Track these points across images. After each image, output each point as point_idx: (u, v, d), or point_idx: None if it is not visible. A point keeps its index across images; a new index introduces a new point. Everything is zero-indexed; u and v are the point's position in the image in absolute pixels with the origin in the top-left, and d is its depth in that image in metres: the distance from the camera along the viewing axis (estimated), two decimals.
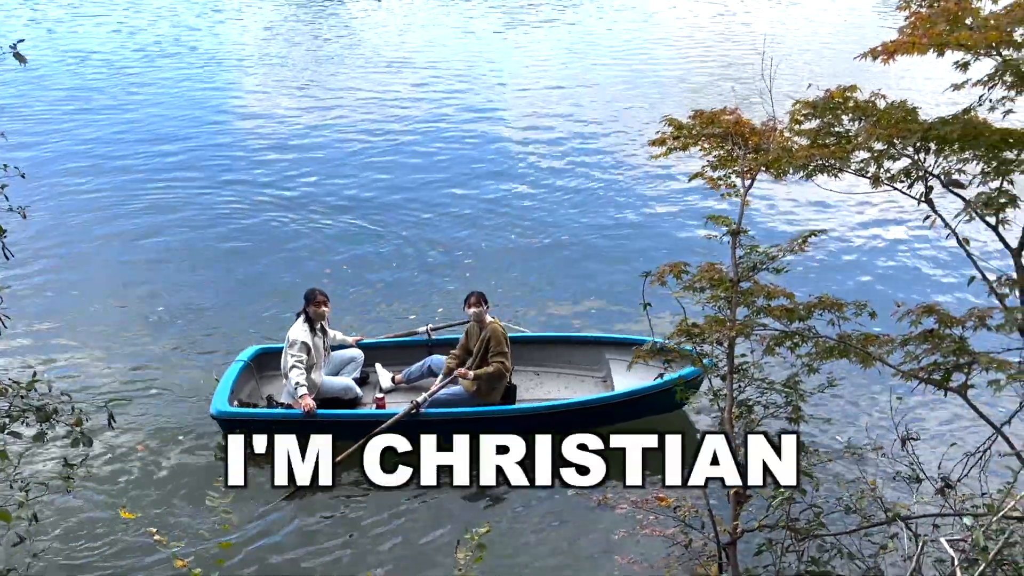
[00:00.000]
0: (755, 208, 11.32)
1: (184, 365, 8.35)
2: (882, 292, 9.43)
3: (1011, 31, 4.46)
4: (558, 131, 15.17)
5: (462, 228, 11.39)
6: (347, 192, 12.54)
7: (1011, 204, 4.66)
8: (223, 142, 14.73)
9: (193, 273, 10.25)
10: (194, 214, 11.84)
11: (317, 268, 10.31)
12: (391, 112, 16.39)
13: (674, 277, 5.60)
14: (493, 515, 6.35)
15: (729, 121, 6.29)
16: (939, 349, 4.51)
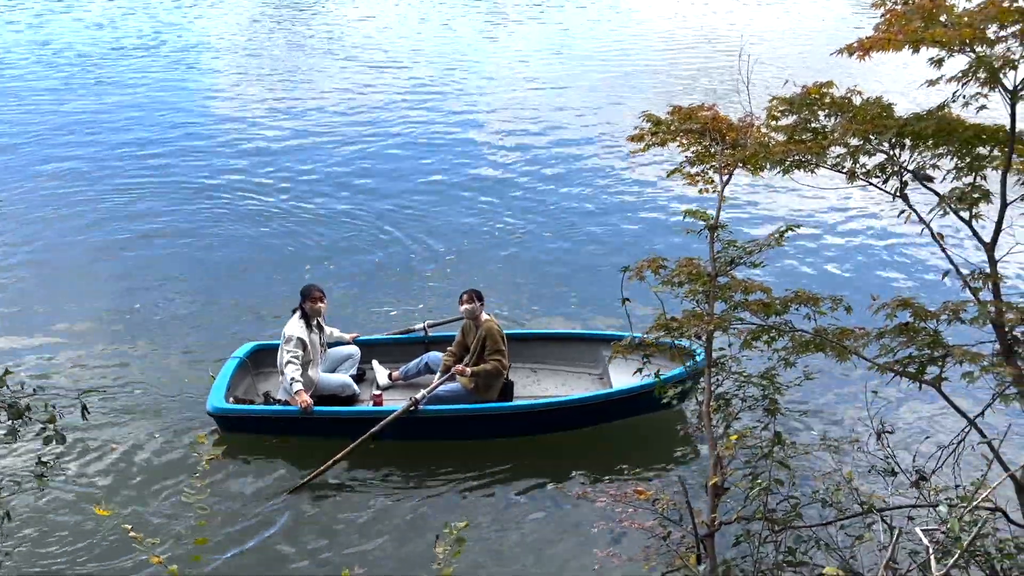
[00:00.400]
0: (733, 203, 11.40)
1: (161, 362, 8.28)
2: (858, 286, 9.51)
3: (984, 28, 4.51)
4: (538, 127, 15.17)
5: (441, 225, 11.36)
6: (328, 189, 12.46)
7: (984, 199, 4.73)
8: (200, 138, 14.58)
9: (172, 271, 10.15)
10: (174, 211, 11.73)
11: (298, 265, 10.25)
12: (371, 109, 16.29)
13: (652, 272, 5.63)
14: (473, 510, 6.36)
15: (707, 117, 6.32)
16: (914, 342, 4.57)
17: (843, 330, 4.88)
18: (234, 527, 6.16)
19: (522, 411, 7.11)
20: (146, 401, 7.63)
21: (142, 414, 7.45)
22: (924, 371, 4.58)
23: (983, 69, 4.46)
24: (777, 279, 8.93)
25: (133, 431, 7.23)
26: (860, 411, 7.06)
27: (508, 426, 7.07)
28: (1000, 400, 4.48)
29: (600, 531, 5.73)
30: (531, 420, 7.05)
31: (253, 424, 7.02)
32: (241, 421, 7.01)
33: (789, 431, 6.84)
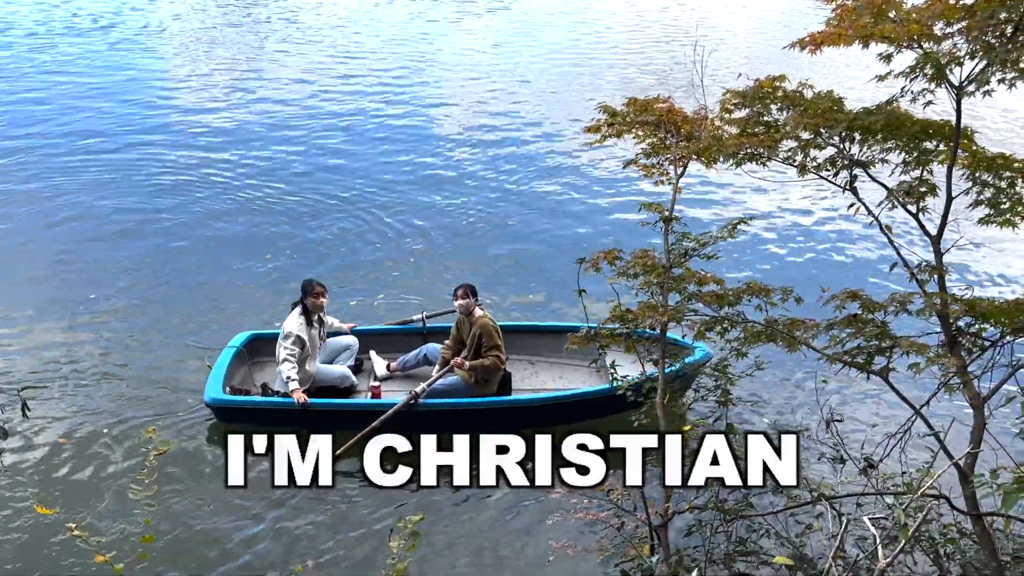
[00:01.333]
0: (688, 195, 11.49)
1: (116, 354, 8.10)
2: (808, 278, 9.65)
3: (931, 25, 4.59)
4: (496, 119, 15.12)
5: (399, 216, 11.25)
6: (284, 180, 12.25)
7: (931, 192, 4.83)
8: (164, 126, 14.29)
9: (129, 261, 9.91)
10: (143, 198, 11.51)
11: (258, 253, 10.11)
12: (330, 99, 16.09)
13: (608, 264, 5.65)
14: (428, 504, 6.31)
15: (662, 109, 6.35)
16: (862, 333, 4.65)
17: (793, 321, 4.95)
18: (185, 524, 6.04)
19: (521, 405, 7.09)
20: (92, 395, 7.45)
21: (89, 409, 7.27)
22: (872, 361, 4.66)
23: (930, 65, 4.54)
24: (730, 271, 9.03)
25: (78, 425, 7.04)
26: (810, 401, 7.18)
27: (507, 420, 7.04)
28: (945, 390, 4.59)
29: (555, 523, 5.74)
30: (531, 414, 7.00)
31: (251, 415, 6.93)
32: (239, 412, 6.94)
33: (741, 421, 6.94)
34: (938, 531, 4.78)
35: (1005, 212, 4.77)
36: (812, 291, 5.01)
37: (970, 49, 4.50)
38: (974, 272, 9.96)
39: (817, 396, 6.54)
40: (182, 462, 6.65)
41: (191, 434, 7.00)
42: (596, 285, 5.89)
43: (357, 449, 6.29)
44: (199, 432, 7.03)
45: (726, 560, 4.41)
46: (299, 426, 6.82)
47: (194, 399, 7.28)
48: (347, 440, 6.44)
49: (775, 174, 5.52)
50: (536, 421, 6.89)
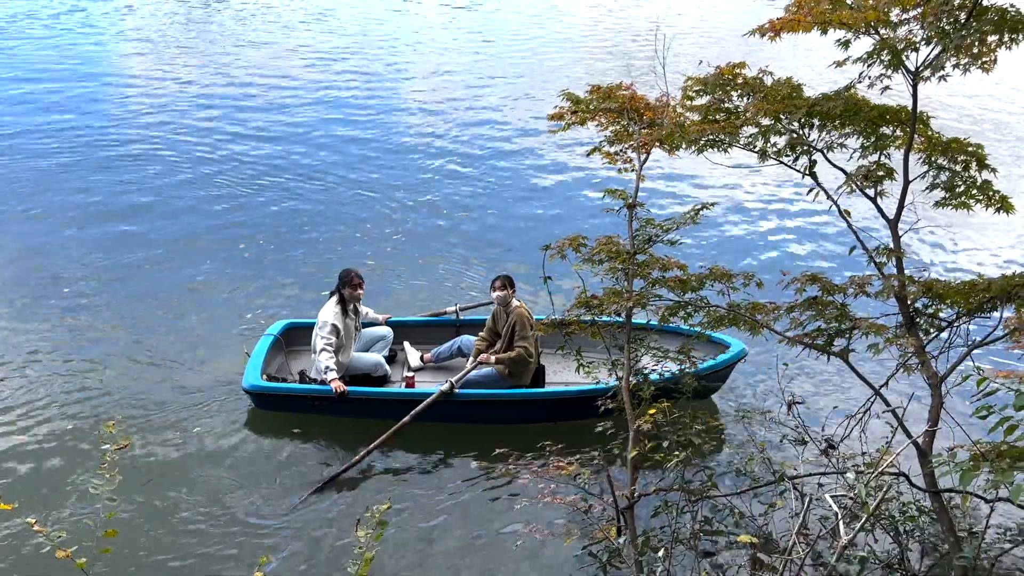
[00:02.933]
0: (651, 182, 11.55)
1: (81, 345, 7.99)
2: (769, 262, 9.80)
3: (888, 11, 4.66)
4: (461, 109, 15.06)
5: (362, 208, 11.17)
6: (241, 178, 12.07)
7: (888, 177, 4.92)
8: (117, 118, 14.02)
9: (162, 253, 9.84)
10: (142, 188, 11.42)
11: (231, 242, 10.08)
12: (291, 90, 15.93)
13: (573, 250, 5.68)
14: (395, 492, 6.30)
15: (625, 96, 6.38)
16: (822, 316, 4.73)
17: (755, 305, 5.02)
18: (150, 517, 5.95)
19: (553, 398, 7.08)
20: (56, 389, 7.33)
21: (54, 404, 7.15)
22: (832, 343, 4.75)
23: (887, 51, 4.61)
24: (693, 256, 9.12)
25: (41, 421, 6.92)
26: (772, 383, 7.28)
27: (538, 411, 7.04)
28: (903, 370, 4.69)
29: (523, 508, 5.77)
30: (561, 407, 6.99)
31: (288, 402, 7.05)
32: (276, 399, 7.05)
33: (704, 404, 7.02)
34: (898, 509, 4.88)
35: (960, 195, 4.88)
36: (773, 275, 5.09)
37: (925, 35, 4.59)
38: (931, 254, 10.16)
39: (778, 379, 6.64)
40: (214, 446, 6.76)
41: (232, 419, 7.09)
42: (562, 272, 5.92)
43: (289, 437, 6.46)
44: (239, 417, 7.14)
45: (691, 540, 4.46)
46: (334, 413, 6.98)
47: (232, 386, 7.35)
48: (378, 425, 6.59)
49: (736, 160, 5.57)
50: (566, 414, 6.88)
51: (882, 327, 4.60)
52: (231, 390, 7.33)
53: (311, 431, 6.98)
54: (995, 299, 4.49)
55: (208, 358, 7.87)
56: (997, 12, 4.42)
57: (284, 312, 8.51)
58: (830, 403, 6.86)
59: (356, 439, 6.69)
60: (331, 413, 7.01)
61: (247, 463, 6.62)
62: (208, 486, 6.33)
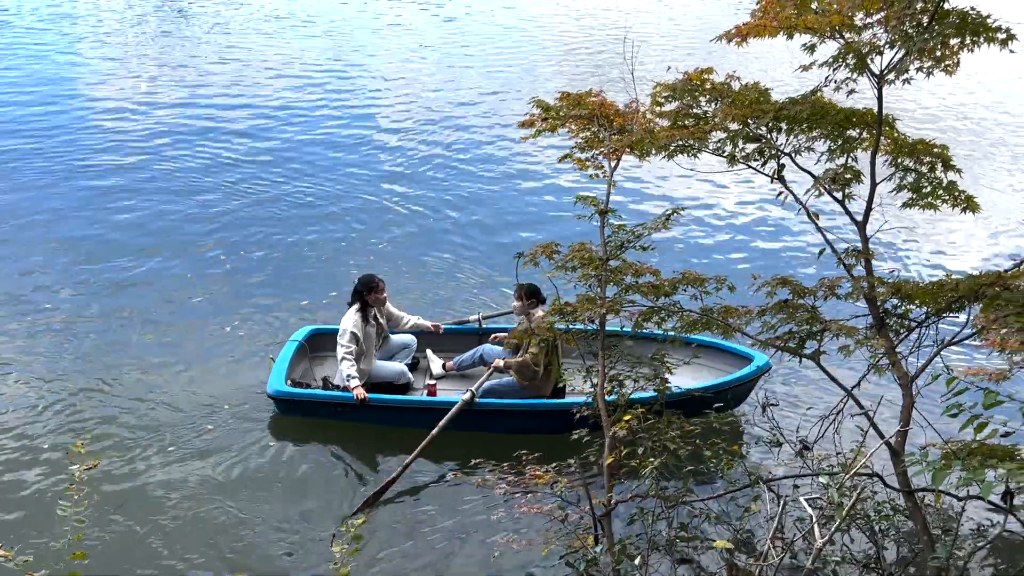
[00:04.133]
0: (623, 188, 11.61)
1: (215, 347, 8.07)
2: (741, 265, 9.85)
3: (852, 15, 4.71)
4: (429, 118, 14.99)
5: (327, 220, 11.06)
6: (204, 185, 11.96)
7: (855, 179, 4.96)
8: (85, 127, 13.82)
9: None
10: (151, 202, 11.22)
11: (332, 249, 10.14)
12: (261, 96, 15.79)
13: (547, 257, 5.67)
14: (332, 513, 6.20)
15: (594, 103, 6.40)
16: (793, 318, 4.75)
17: (728, 308, 5.04)
18: (108, 535, 5.83)
19: (570, 408, 7.01)
20: (17, 409, 7.18)
21: (19, 427, 7.00)
22: (804, 345, 4.77)
23: (852, 55, 4.66)
24: (666, 261, 9.14)
25: (5, 443, 6.78)
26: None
27: (556, 421, 6.89)
28: (874, 371, 4.72)
29: (499, 518, 5.73)
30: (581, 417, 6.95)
31: (311, 408, 7.10)
32: (300, 405, 7.09)
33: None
34: (873, 508, 4.91)
35: (926, 196, 4.93)
36: (745, 278, 5.10)
37: (889, 38, 4.64)
38: (899, 255, 10.27)
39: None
40: (234, 453, 6.76)
41: (249, 426, 7.08)
42: (536, 280, 5.92)
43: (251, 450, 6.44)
44: (261, 421, 7.15)
45: (668, 546, 4.46)
46: (357, 420, 7.05)
47: (257, 392, 7.36)
48: (400, 432, 6.80)
49: (706, 165, 5.60)
50: (585, 424, 6.83)
51: (853, 329, 4.63)
52: (236, 409, 7.28)
53: (326, 446, 6.98)
54: (963, 298, 4.53)
55: (234, 365, 7.89)
56: (958, 15, 4.48)
57: (275, 324, 8.49)
58: (803, 405, 6.89)
59: (377, 449, 6.82)
60: (353, 420, 7.06)
61: (260, 481, 6.55)
62: (205, 505, 6.22)
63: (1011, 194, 12.46)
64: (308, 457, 6.81)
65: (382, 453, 6.86)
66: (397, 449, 6.73)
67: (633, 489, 4.88)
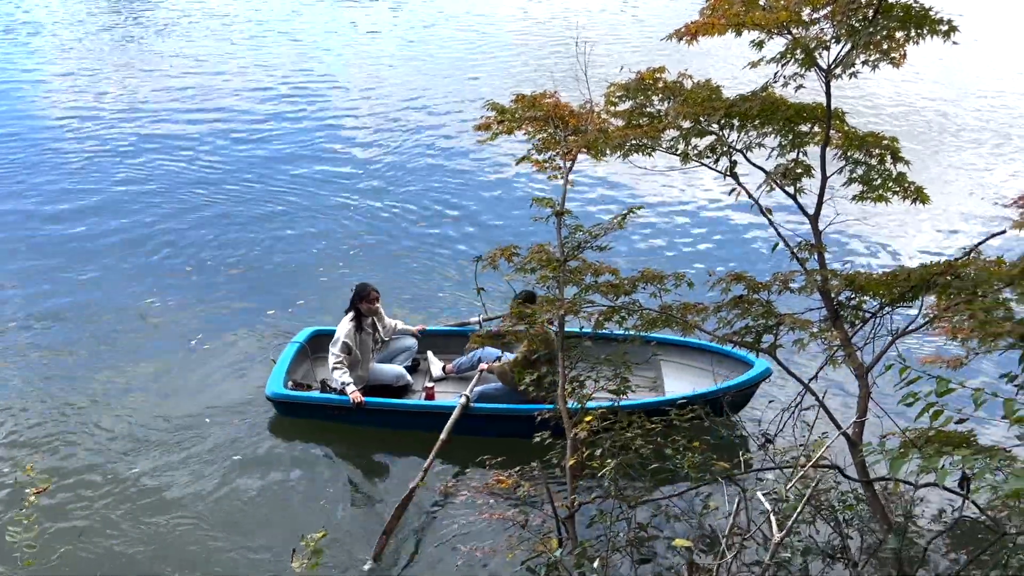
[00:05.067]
0: (580, 188, 11.63)
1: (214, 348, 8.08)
2: (698, 262, 9.87)
3: (799, 11, 4.74)
4: (382, 123, 14.88)
5: (283, 225, 10.95)
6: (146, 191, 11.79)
7: (806, 173, 5.00)
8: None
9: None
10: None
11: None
12: (218, 101, 15.59)
13: (506, 260, 5.65)
14: (330, 515, 6.12)
15: (549, 105, 6.40)
16: (749, 314, 4.77)
17: (686, 305, 5.04)
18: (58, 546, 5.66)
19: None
20: (202, 386, 7.52)
21: (197, 397, 7.36)
22: (761, 340, 4.79)
23: (800, 50, 4.69)
24: (624, 260, 9.17)
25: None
26: (708, 381, 7.32)
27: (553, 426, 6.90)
28: (830, 363, 4.76)
29: (462, 526, 5.66)
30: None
31: (308, 410, 7.15)
32: (297, 407, 7.15)
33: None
34: (837, 499, 4.94)
35: (877, 188, 4.98)
36: (702, 275, 5.11)
37: (836, 33, 4.68)
38: (852, 248, 10.39)
39: (714, 377, 6.70)
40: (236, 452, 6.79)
41: (247, 429, 7.11)
42: (496, 283, 5.90)
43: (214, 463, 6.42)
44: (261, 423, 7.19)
45: (628, 547, 4.44)
46: (353, 423, 7.08)
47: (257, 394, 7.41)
48: (397, 435, 6.93)
49: (661, 164, 5.61)
50: (547, 427, 6.75)
51: (807, 322, 4.67)
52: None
53: (321, 450, 6.99)
54: (915, 288, 4.59)
55: (237, 366, 7.90)
56: (902, 8, 4.54)
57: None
58: (763, 399, 6.93)
59: (371, 452, 6.91)
60: (351, 422, 7.09)
61: (247, 488, 6.50)
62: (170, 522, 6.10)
63: (960, 184, 12.70)
64: (302, 462, 6.82)
65: (376, 456, 6.92)
66: (391, 451, 6.86)
67: (596, 490, 4.85)
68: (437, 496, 6.11)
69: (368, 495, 6.48)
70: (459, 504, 5.91)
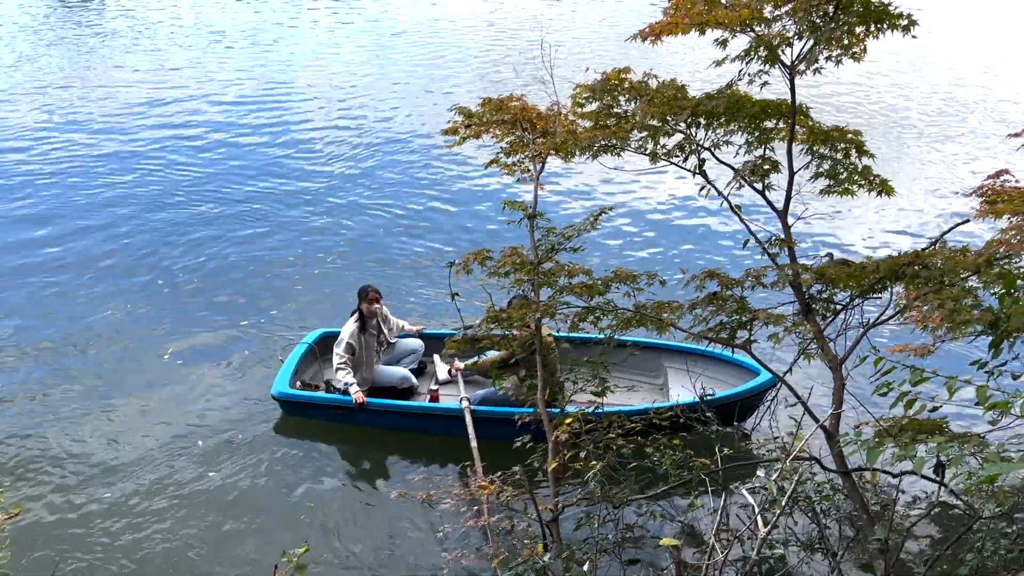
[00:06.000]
0: (552, 190, 11.65)
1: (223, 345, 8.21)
2: (671, 260, 9.96)
3: (761, 8, 4.78)
4: (352, 128, 14.83)
5: (249, 229, 10.86)
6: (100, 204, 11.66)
7: (774, 169, 5.05)
8: None
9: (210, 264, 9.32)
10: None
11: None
12: (173, 107, 15.43)
13: (479, 264, 5.63)
14: (312, 525, 6.07)
15: (516, 107, 6.39)
16: (723, 310, 4.81)
17: (660, 304, 5.07)
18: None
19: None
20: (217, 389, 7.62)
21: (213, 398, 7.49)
22: (735, 336, 4.83)
23: (763, 47, 4.73)
24: (598, 261, 9.20)
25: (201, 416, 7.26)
26: (683, 379, 7.37)
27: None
28: (804, 356, 4.81)
29: (446, 533, 5.63)
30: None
31: (312, 410, 7.25)
32: (301, 407, 7.24)
33: (619, 408, 7.03)
34: (813, 490, 4.99)
35: (843, 181, 5.03)
36: (675, 273, 5.14)
37: (798, 30, 4.73)
38: (821, 241, 10.52)
39: (688, 373, 6.74)
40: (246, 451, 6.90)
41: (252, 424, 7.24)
42: (471, 288, 5.87)
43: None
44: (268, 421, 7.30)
45: (614, 548, 4.45)
46: (357, 423, 7.19)
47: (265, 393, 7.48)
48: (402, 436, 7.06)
49: (630, 164, 5.63)
50: (528, 430, 6.68)
51: (780, 316, 4.71)
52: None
53: (323, 450, 7.08)
54: (884, 279, 4.65)
55: (247, 367, 8.00)
56: (862, 3, 4.60)
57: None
58: (691, 381, 6.95)
59: (373, 451, 7.03)
60: (354, 423, 7.17)
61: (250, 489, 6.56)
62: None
63: (923, 175, 12.91)
64: (302, 464, 6.86)
65: (377, 458, 6.98)
66: (392, 453, 6.96)
67: (580, 493, 4.85)
68: (420, 506, 6.05)
69: (364, 500, 6.47)
70: (443, 512, 5.88)
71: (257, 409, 7.41)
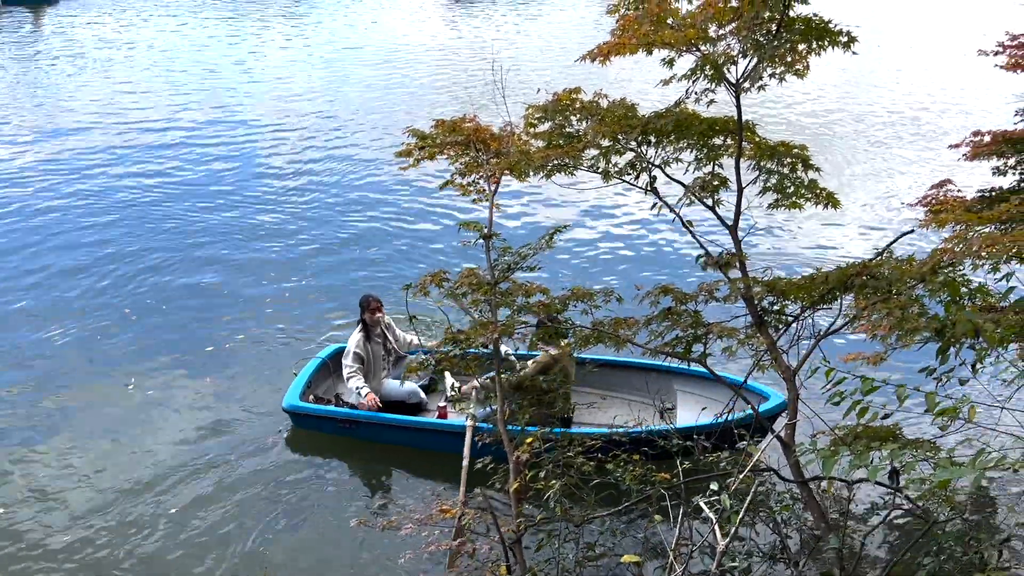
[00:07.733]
0: (506, 211, 11.68)
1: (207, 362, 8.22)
2: (626, 277, 10.01)
3: (706, 28, 4.88)
4: (301, 155, 14.71)
5: (209, 254, 10.71)
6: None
7: (723, 185, 5.14)
8: None
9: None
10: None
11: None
12: (126, 133, 15.22)
13: (436, 286, 5.61)
14: (270, 556, 5.95)
15: (469, 128, 6.42)
16: (678, 325, 4.86)
17: (617, 320, 5.11)
18: None
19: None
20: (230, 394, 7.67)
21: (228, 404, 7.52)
22: (691, 350, 4.87)
23: (709, 66, 4.83)
24: (554, 279, 9.23)
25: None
26: (643, 395, 7.41)
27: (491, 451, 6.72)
28: (758, 368, 4.87)
29: (408, 560, 5.51)
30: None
31: (322, 423, 7.27)
32: (311, 419, 7.28)
33: (579, 425, 7.05)
34: (775, 500, 5.04)
35: (791, 195, 5.15)
36: (631, 290, 5.18)
37: (742, 48, 4.84)
38: (771, 254, 10.66)
39: (648, 388, 6.78)
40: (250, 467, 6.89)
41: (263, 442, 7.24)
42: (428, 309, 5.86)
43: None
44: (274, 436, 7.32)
45: (577, 567, 4.43)
46: (364, 437, 7.20)
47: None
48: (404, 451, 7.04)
49: (583, 182, 5.68)
50: (488, 451, 6.61)
51: (734, 329, 4.78)
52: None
53: (330, 465, 7.07)
54: (834, 290, 4.74)
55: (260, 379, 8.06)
56: (803, 21, 4.73)
57: None
58: (698, 407, 7.02)
59: (377, 466, 7.04)
60: (362, 437, 7.19)
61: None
62: None
63: (869, 187, 13.23)
64: (314, 475, 6.90)
65: (381, 474, 7.00)
66: (398, 468, 6.98)
67: (541, 513, 4.83)
68: (379, 533, 5.96)
69: (223, 551, 6.19)
70: (403, 538, 5.78)
71: (269, 422, 7.42)
